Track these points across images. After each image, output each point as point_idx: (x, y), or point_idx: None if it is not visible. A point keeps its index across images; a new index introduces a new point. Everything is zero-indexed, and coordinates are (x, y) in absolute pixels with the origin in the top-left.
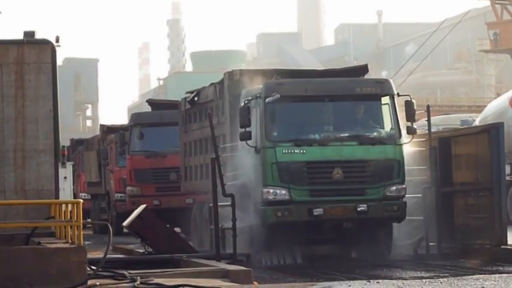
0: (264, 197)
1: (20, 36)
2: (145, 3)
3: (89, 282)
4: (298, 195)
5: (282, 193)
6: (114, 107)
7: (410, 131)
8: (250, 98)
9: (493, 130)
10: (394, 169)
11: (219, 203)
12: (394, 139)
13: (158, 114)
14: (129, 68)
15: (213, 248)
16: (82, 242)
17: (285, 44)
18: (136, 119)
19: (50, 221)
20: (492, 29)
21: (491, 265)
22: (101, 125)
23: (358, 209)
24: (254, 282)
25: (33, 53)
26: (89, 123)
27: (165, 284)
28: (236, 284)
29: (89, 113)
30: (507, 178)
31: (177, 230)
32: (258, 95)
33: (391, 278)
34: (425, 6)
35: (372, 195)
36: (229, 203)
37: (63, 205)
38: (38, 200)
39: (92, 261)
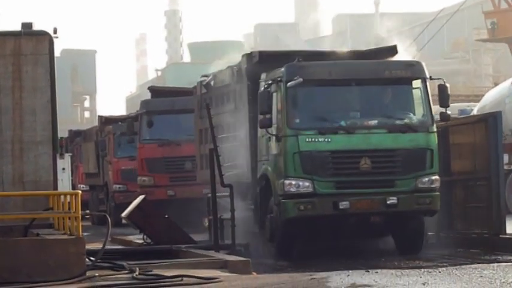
0: (286, 189)
1: (17, 27)
2: None
3: (88, 273)
4: (323, 188)
5: (305, 185)
6: (112, 98)
7: (444, 118)
8: (270, 82)
9: (490, 119)
10: (426, 158)
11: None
12: (426, 126)
13: (170, 101)
14: (127, 59)
15: (211, 238)
16: (80, 233)
17: (282, 34)
18: (147, 106)
19: (48, 213)
20: (489, 18)
21: (489, 254)
22: (99, 116)
23: (388, 202)
24: (253, 273)
25: (30, 45)
26: (86, 114)
27: (164, 274)
28: (235, 275)
29: (86, 104)
30: (505, 167)
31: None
32: (279, 79)
33: (389, 268)
34: None
35: (402, 187)
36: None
37: (62, 196)
38: (36, 191)
39: (91, 253)
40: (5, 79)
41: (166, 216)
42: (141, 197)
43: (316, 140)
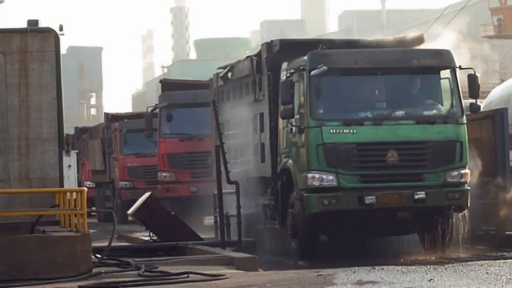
0: (309, 182)
1: (23, 24)
2: None
3: (94, 270)
4: (348, 181)
5: (329, 179)
6: (118, 95)
7: (474, 109)
8: (292, 71)
9: (497, 116)
10: (455, 151)
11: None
12: (455, 117)
13: (192, 94)
14: (133, 56)
15: (218, 235)
16: (87, 230)
17: (288, 31)
18: (168, 99)
19: (54, 210)
20: (496, 15)
21: (496, 251)
22: (105, 113)
23: (416, 197)
24: (259, 269)
25: (36, 42)
26: (93, 111)
27: (170, 271)
28: (241, 271)
29: (93, 101)
30: (511, 164)
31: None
32: (301, 68)
33: (395, 264)
34: None
35: (430, 181)
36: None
37: (68, 193)
38: (42, 189)
39: (97, 250)
40: (12, 76)
41: (173, 213)
42: (147, 194)
43: (341, 131)
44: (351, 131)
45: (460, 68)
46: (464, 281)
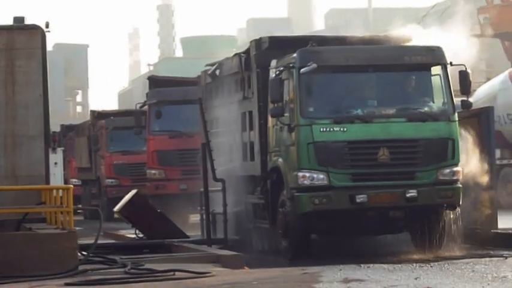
0: (300, 181)
1: (9, 21)
2: None
3: (80, 267)
4: (339, 180)
5: (320, 177)
6: (105, 92)
7: (466, 106)
8: (282, 68)
9: (483, 114)
10: (447, 149)
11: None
12: (447, 115)
13: (181, 91)
14: (119, 54)
15: (204, 233)
16: (73, 227)
17: (275, 29)
18: (157, 96)
19: (40, 207)
20: (482, 14)
21: (481, 249)
22: (91, 110)
23: (407, 195)
24: (245, 267)
25: (23, 39)
26: (79, 109)
27: (156, 269)
28: (227, 269)
29: (79, 98)
30: (497, 162)
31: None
32: (291, 65)
33: (382, 263)
34: None
35: (422, 180)
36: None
37: (54, 191)
38: (28, 186)
39: (83, 247)
40: None
41: (159, 210)
42: (133, 191)
43: (332, 129)
44: (342, 129)
45: (451, 64)
46: (450, 279)
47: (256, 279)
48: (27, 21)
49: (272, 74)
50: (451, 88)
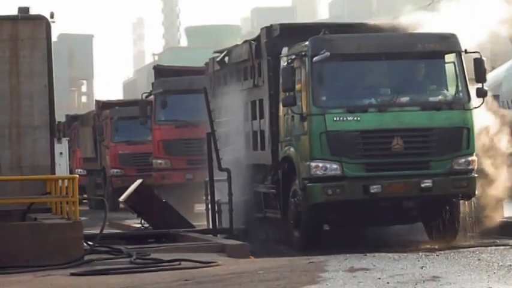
0: (312, 172)
1: (14, 12)
2: None
3: (86, 257)
4: (352, 170)
5: (333, 167)
6: (109, 82)
7: (481, 94)
8: (293, 56)
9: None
10: (462, 138)
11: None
12: (462, 103)
13: (187, 80)
14: (124, 44)
15: (209, 222)
16: (78, 217)
17: (279, 18)
18: (164, 85)
19: (46, 197)
20: None
21: (487, 237)
22: (96, 100)
23: (422, 185)
24: (250, 257)
25: (27, 29)
26: (84, 99)
27: (162, 258)
28: (232, 259)
29: (84, 89)
30: None
31: None
32: (303, 53)
33: (387, 252)
34: None
35: (437, 169)
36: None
37: (59, 181)
38: (33, 176)
39: (89, 237)
40: (2, 64)
41: (164, 200)
42: (139, 181)
43: (345, 118)
44: (355, 118)
45: (465, 52)
46: (456, 268)
47: (261, 268)
48: (32, 12)
49: (283, 62)
50: (466, 76)
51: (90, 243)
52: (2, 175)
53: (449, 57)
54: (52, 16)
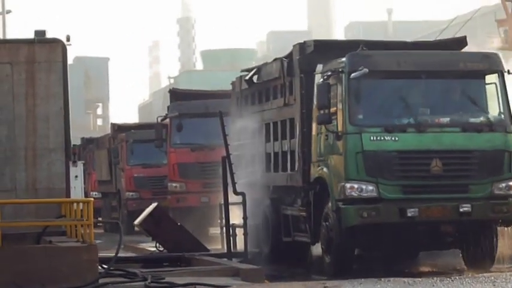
0: (347, 193)
1: (30, 35)
2: (155, 2)
3: (100, 280)
4: (389, 192)
5: (369, 189)
6: (125, 105)
7: None
8: (329, 73)
9: None
10: (504, 161)
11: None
12: (504, 125)
13: (203, 104)
14: (140, 67)
15: (224, 246)
16: (93, 240)
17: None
18: (179, 109)
19: (61, 220)
20: (502, 26)
21: (502, 263)
22: (111, 123)
23: (461, 210)
24: (265, 281)
25: (44, 52)
26: (99, 121)
27: (176, 282)
28: (247, 283)
29: (99, 111)
30: None
31: None
32: (340, 70)
33: (402, 276)
34: (436, 3)
35: (477, 193)
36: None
37: (74, 204)
38: (49, 199)
39: (104, 260)
40: (19, 86)
41: (179, 223)
42: (154, 204)
43: (382, 138)
44: (393, 138)
45: (508, 72)
46: None
47: None
48: (48, 35)
49: (318, 79)
50: (508, 97)
51: (105, 266)
52: (17, 197)
53: (491, 78)
54: (68, 39)
